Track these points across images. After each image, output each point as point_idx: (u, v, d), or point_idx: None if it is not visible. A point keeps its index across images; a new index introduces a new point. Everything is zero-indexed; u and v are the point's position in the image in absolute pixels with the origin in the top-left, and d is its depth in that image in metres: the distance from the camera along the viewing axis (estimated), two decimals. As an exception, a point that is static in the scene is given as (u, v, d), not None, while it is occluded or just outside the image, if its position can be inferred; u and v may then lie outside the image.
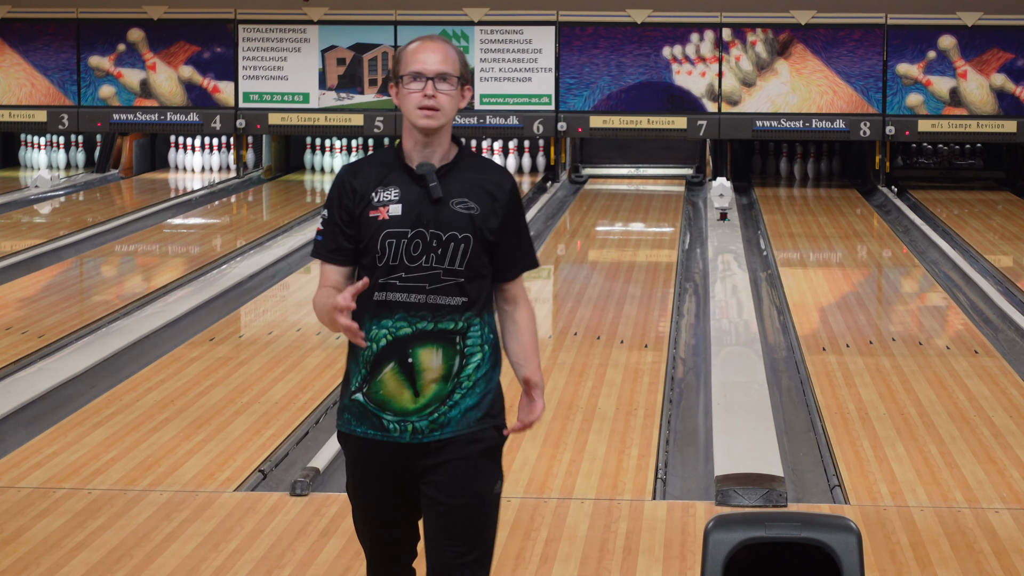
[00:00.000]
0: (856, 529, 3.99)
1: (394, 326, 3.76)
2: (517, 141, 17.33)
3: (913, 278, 11.37)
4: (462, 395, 3.82)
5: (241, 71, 17.24)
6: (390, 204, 3.78)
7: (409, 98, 3.80)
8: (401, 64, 3.84)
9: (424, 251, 3.76)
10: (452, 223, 3.77)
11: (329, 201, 3.87)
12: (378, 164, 3.86)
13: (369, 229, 3.78)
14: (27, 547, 5.43)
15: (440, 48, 3.84)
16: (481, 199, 3.81)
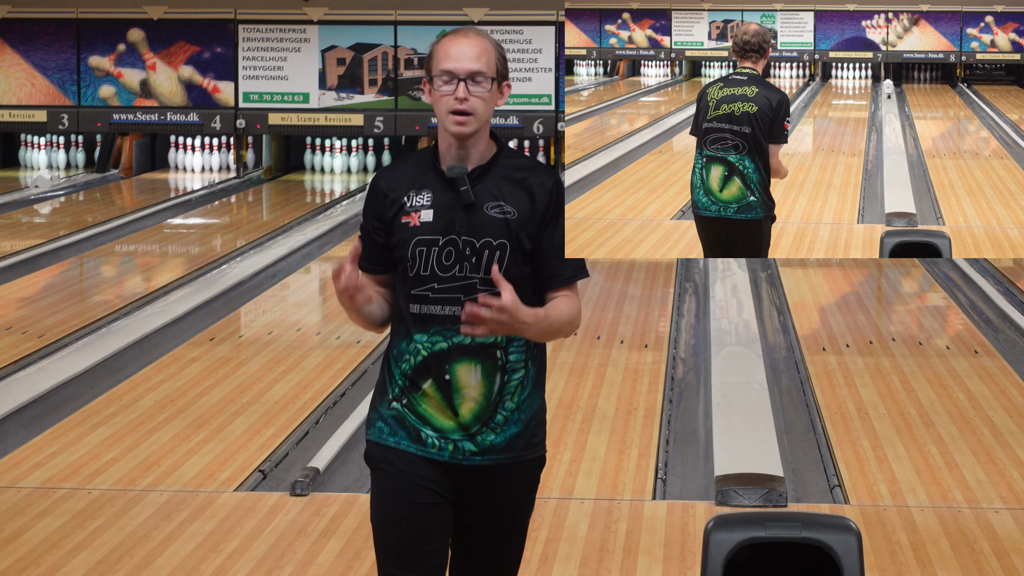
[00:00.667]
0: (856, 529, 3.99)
1: (430, 340, 3.54)
2: (517, 141, 17.33)
3: (913, 278, 11.38)
4: (506, 418, 3.56)
5: (241, 71, 17.24)
6: (422, 209, 3.56)
7: (441, 101, 3.55)
8: (433, 61, 3.59)
9: (457, 260, 3.53)
10: (486, 229, 3.53)
11: (364, 208, 3.68)
12: (413, 166, 3.64)
13: (401, 236, 3.57)
14: (27, 547, 5.43)
15: (474, 43, 3.56)
16: (519, 202, 3.56)
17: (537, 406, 3.60)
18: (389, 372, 3.60)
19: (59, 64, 17.37)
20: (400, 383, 3.57)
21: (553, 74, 16.92)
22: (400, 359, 3.57)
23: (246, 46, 17.21)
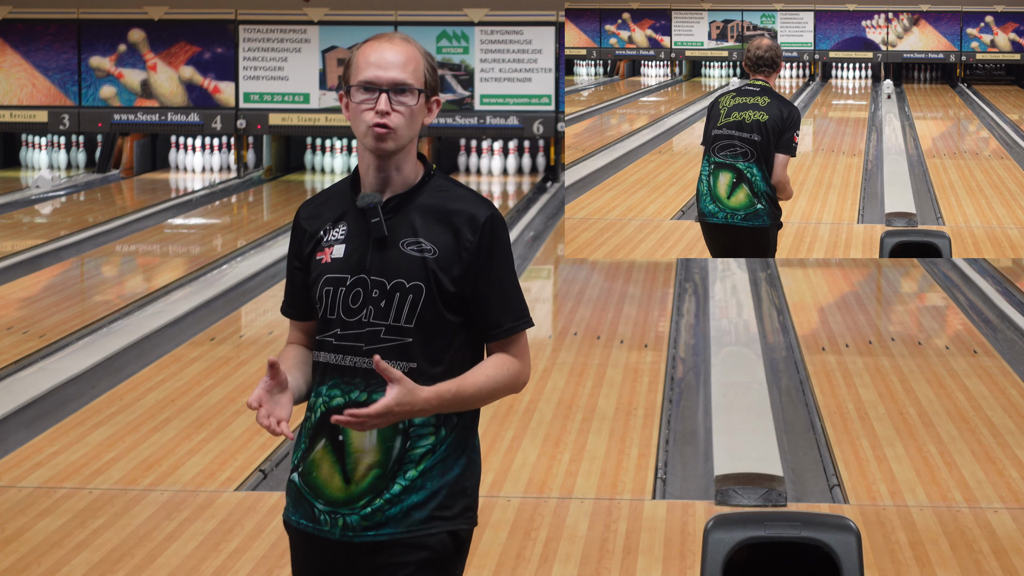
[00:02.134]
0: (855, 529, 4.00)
1: (328, 394, 3.08)
2: (517, 141, 17.34)
3: (912, 278, 11.38)
4: (404, 488, 3.04)
5: (242, 71, 17.25)
6: (335, 244, 3.12)
7: (359, 115, 3.08)
8: (351, 69, 3.12)
9: (364, 302, 3.06)
10: (398, 268, 3.05)
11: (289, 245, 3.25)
12: (335, 195, 3.19)
13: (314, 274, 3.14)
14: (28, 546, 5.44)
15: (399, 49, 3.09)
16: (442, 238, 3.06)
17: (455, 474, 3.07)
18: (300, 432, 3.17)
19: (60, 64, 17.39)
20: (302, 446, 3.13)
21: (553, 74, 16.92)
22: (305, 416, 3.16)
23: (247, 46, 17.22)
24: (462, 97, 17.29)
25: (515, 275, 3.15)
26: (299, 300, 3.19)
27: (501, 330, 3.09)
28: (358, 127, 3.09)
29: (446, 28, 17.07)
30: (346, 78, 3.13)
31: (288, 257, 3.23)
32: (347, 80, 3.12)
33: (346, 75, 3.13)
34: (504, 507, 5.88)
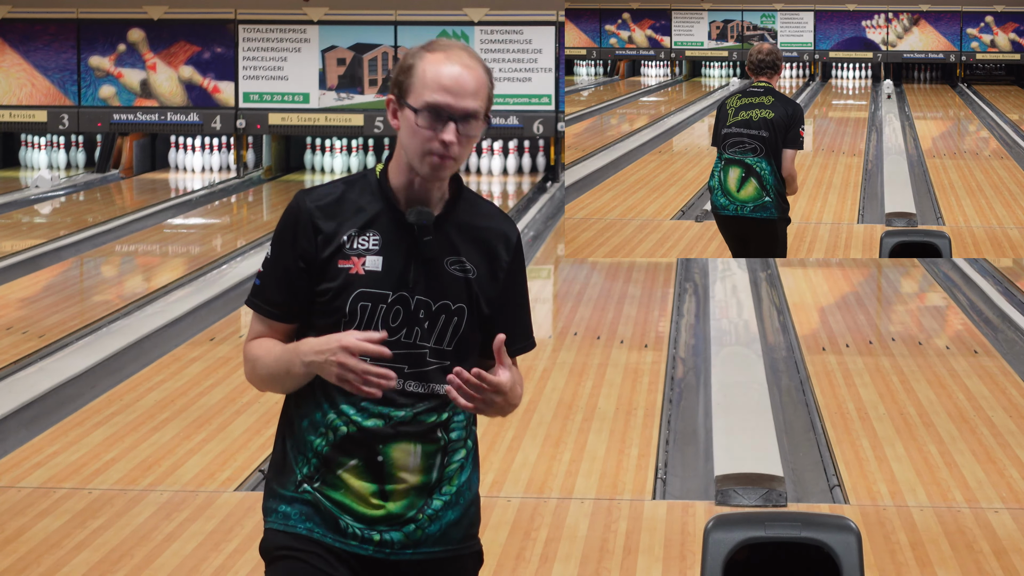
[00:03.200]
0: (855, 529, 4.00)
1: (359, 414, 2.91)
2: (517, 141, 17.34)
3: (912, 278, 11.38)
4: (444, 504, 2.96)
5: (241, 71, 17.25)
6: (367, 255, 2.90)
7: (418, 136, 2.86)
8: (415, 83, 2.86)
9: (406, 322, 2.91)
10: (445, 289, 2.91)
11: (279, 236, 2.96)
12: (355, 196, 2.95)
13: (335, 283, 2.91)
14: (28, 547, 5.44)
15: (474, 75, 2.87)
16: (480, 258, 2.95)
17: (476, 490, 3.04)
18: (297, 446, 2.96)
19: (59, 64, 17.38)
20: (313, 461, 2.94)
21: (553, 74, 16.92)
22: (313, 431, 2.94)
23: (246, 46, 17.22)
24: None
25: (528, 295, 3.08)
26: (291, 302, 2.94)
27: (514, 349, 3.00)
28: (413, 148, 2.86)
29: (446, 28, 17.06)
30: (404, 88, 2.87)
31: (284, 251, 2.94)
32: (406, 91, 2.87)
33: (404, 84, 2.87)
34: (504, 507, 5.87)
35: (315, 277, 2.91)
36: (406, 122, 2.87)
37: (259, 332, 2.99)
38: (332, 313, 2.90)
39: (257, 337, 2.99)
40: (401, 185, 2.92)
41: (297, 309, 2.95)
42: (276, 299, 2.95)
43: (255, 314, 2.99)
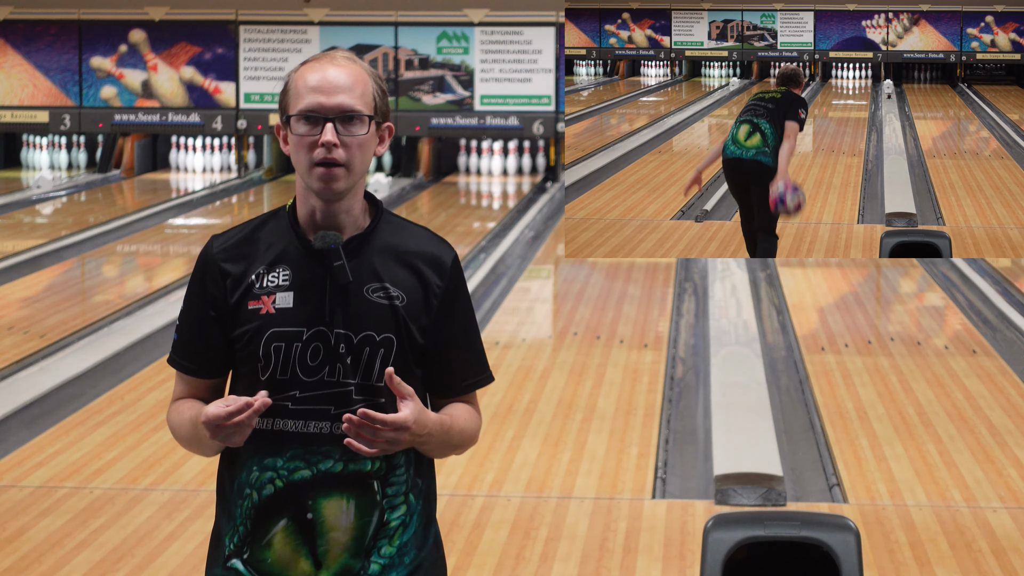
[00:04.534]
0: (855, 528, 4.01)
1: (286, 467, 2.66)
2: (517, 141, 17.35)
3: (912, 278, 11.40)
4: (383, 567, 2.69)
5: (242, 72, 17.27)
6: (278, 291, 2.67)
7: (300, 149, 2.65)
8: (289, 96, 2.69)
9: (327, 359, 2.65)
10: (367, 319, 2.66)
11: (190, 286, 2.75)
12: (265, 235, 2.72)
13: (248, 326, 2.67)
14: (29, 546, 5.45)
15: (345, 71, 2.67)
16: (408, 283, 2.69)
17: (428, 548, 2.75)
18: (226, 512, 2.72)
19: (61, 65, 17.40)
20: (240, 529, 2.70)
21: (553, 75, 16.94)
22: (239, 494, 2.70)
23: (247, 47, 17.23)
24: (462, 97, 17.30)
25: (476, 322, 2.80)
26: (208, 354, 2.71)
27: (465, 384, 2.76)
28: (300, 163, 2.65)
29: (446, 28, 17.08)
30: (283, 106, 2.69)
31: (192, 302, 2.72)
32: (285, 108, 2.68)
33: (283, 103, 2.69)
34: (504, 507, 5.89)
35: (228, 324, 2.68)
36: (291, 140, 2.67)
37: (180, 393, 2.77)
38: (248, 360, 2.67)
39: (178, 399, 2.76)
40: (305, 214, 2.69)
41: (216, 363, 2.72)
42: (193, 354, 2.72)
43: (177, 374, 2.76)
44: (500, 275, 11.27)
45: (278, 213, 2.73)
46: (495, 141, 17.36)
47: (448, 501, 5.94)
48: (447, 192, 16.44)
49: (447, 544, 5.48)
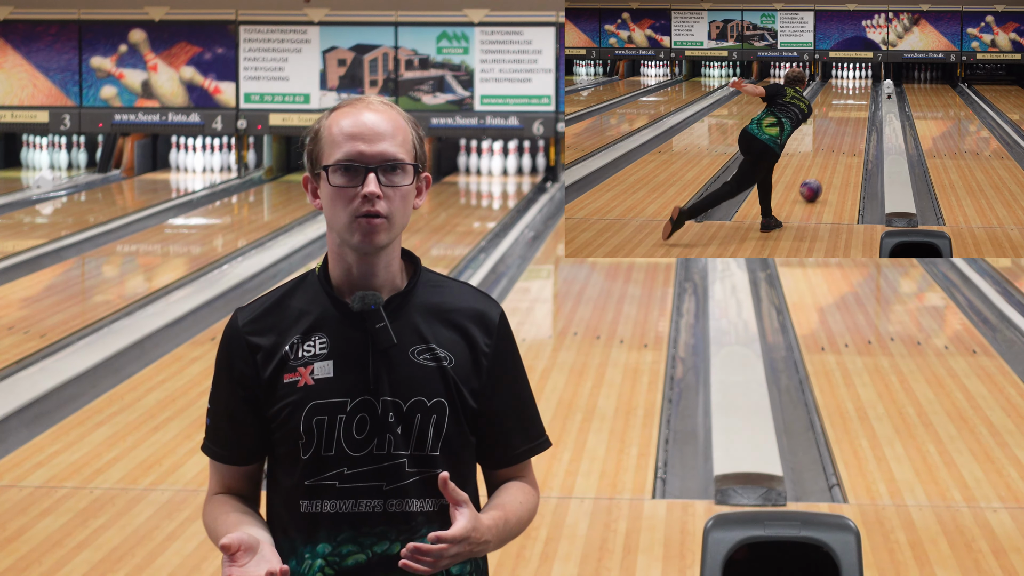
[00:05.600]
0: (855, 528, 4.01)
1: (336, 553, 2.44)
2: (517, 141, 17.35)
3: (911, 278, 11.40)
4: None
5: (242, 72, 17.26)
6: (315, 361, 2.44)
7: (338, 202, 2.43)
8: (322, 143, 2.45)
9: (375, 430, 2.43)
10: (415, 384, 2.44)
11: (218, 365, 2.52)
12: (295, 302, 2.50)
13: (285, 401, 2.45)
14: (29, 546, 5.45)
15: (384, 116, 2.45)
16: (455, 344, 2.48)
17: None
18: None
19: (61, 65, 17.40)
20: None
21: (553, 75, 16.93)
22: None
23: (247, 47, 17.23)
24: (462, 97, 17.31)
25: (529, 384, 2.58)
26: (241, 439, 2.49)
27: (520, 452, 2.54)
28: (337, 218, 2.43)
29: (446, 28, 17.08)
30: (314, 156, 2.46)
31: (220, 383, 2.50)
32: (316, 159, 2.45)
33: (314, 152, 2.46)
34: (504, 506, 5.89)
35: (263, 403, 2.46)
36: (325, 193, 2.44)
37: (215, 483, 2.57)
38: (288, 438, 2.45)
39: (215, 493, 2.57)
40: (341, 274, 2.48)
41: (250, 448, 2.50)
42: (225, 441, 2.51)
43: (210, 463, 2.56)
44: (500, 275, 11.27)
45: (307, 277, 2.52)
46: (495, 141, 17.36)
47: (448, 501, 5.93)
48: (447, 192, 16.44)
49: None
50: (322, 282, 2.49)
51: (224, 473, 2.53)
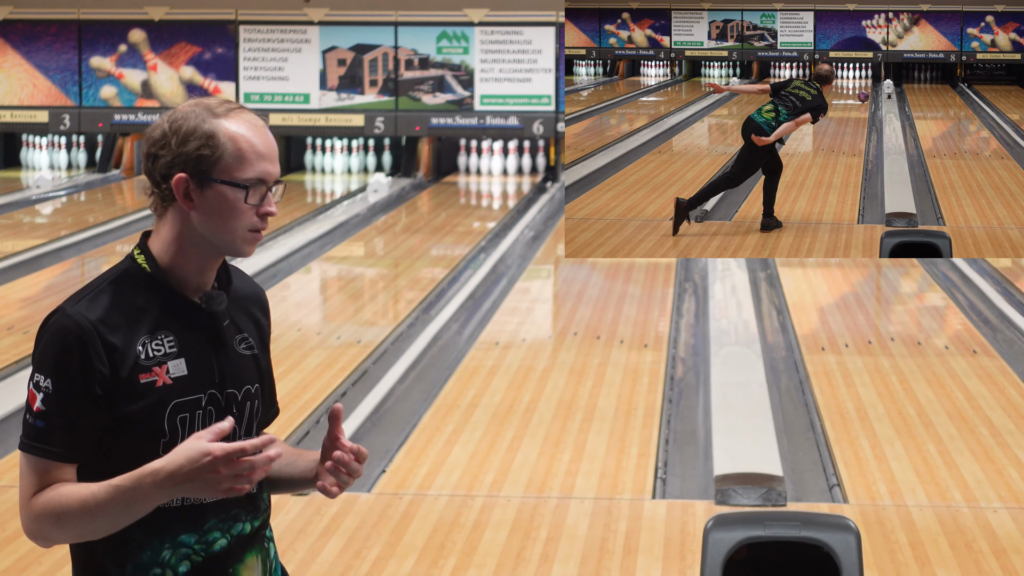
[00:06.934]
0: (855, 528, 4.01)
1: (203, 540, 2.53)
2: (517, 141, 17.35)
3: (912, 278, 11.40)
4: None
5: (242, 71, 17.26)
6: (168, 360, 2.49)
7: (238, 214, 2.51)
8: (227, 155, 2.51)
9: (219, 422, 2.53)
10: (243, 373, 2.59)
11: (61, 365, 2.45)
12: (130, 297, 2.51)
13: (145, 402, 2.47)
14: (29, 545, 5.45)
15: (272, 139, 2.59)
16: (253, 330, 2.64)
17: None
18: None
19: (61, 65, 17.40)
20: None
21: (553, 74, 16.93)
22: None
23: (247, 47, 17.23)
24: (462, 97, 17.31)
25: None
26: (86, 437, 2.46)
27: (272, 414, 2.71)
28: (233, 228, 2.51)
29: (446, 28, 17.08)
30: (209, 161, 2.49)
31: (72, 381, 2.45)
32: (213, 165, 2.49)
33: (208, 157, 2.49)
34: (504, 507, 5.89)
35: (118, 403, 2.46)
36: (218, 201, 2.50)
37: (41, 482, 2.47)
38: (146, 438, 2.47)
39: (41, 488, 2.47)
40: (181, 270, 2.53)
41: (89, 446, 2.48)
42: (67, 439, 2.45)
43: (31, 460, 2.47)
44: (500, 275, 11.27)
45: (130, 271, 2.53)
46: (495, 141, 17.36)
47: (448, 501, 5.94)
48: (447, 192, 16.44)
49: (447, 544, 5.49)
50: (158, 275, 2.52)
51: (53, 472, 2.47)
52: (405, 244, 13.04)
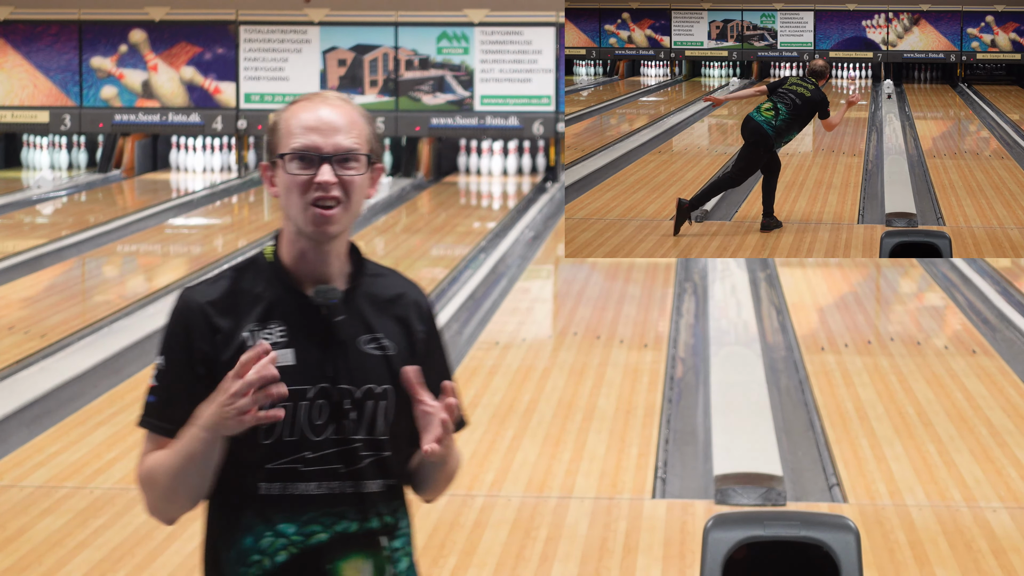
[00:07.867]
0: (854, 528, 4.01)
1: (301, 532, 2.54)
2: (517, 141, 17.36)
3: (911, 278, 11.40)
4: None
5: (242, 72, 17.27)
6: (275, 349, 2.51)
7: (293, 189, 2.55)
8: (279, 134, 2.63)
9: (333, 417, 2.56)
10: (366, 372, 2.57)
11: (171, 342, 2.56)
12: (248, 285, 2.59)
13: None
14: (29, 545, 5.46)
15: (340, 110, 2.59)
16: (396, 333, 2.61)
17: None
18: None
19: (61, 65, 17.41)
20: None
21: (553, 75, 16.94)
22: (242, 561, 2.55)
23: (247, 47, 17.24)
24: (462, 97, 17.31)
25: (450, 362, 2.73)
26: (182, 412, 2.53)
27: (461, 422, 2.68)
28: (292, 205, 2.55)
29: (446, 28, 17.08)
30: (272, 146, 2.62)
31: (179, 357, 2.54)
32: (274, 148, 2.61)
33: (272, 143, 2.63)
34: (504, 507, 5.90)
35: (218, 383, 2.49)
36: (282, 181, 2.58)
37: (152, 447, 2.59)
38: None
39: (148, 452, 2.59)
40: (294, 261, 2.58)
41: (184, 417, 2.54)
42: (177, 415, 2.54)
43: (148, 436, 2.57)
44: (500, 275, 11.28)
45: (256, 261, 2.61)
46: (495, 141, 17.36)
47: (448, 501, 5.94)
48: (447, 192, 16.45)
49: (447, 544, 5.50)
50: (276, 268, 2.59)
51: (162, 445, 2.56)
52: (405, 244, 13.05)
